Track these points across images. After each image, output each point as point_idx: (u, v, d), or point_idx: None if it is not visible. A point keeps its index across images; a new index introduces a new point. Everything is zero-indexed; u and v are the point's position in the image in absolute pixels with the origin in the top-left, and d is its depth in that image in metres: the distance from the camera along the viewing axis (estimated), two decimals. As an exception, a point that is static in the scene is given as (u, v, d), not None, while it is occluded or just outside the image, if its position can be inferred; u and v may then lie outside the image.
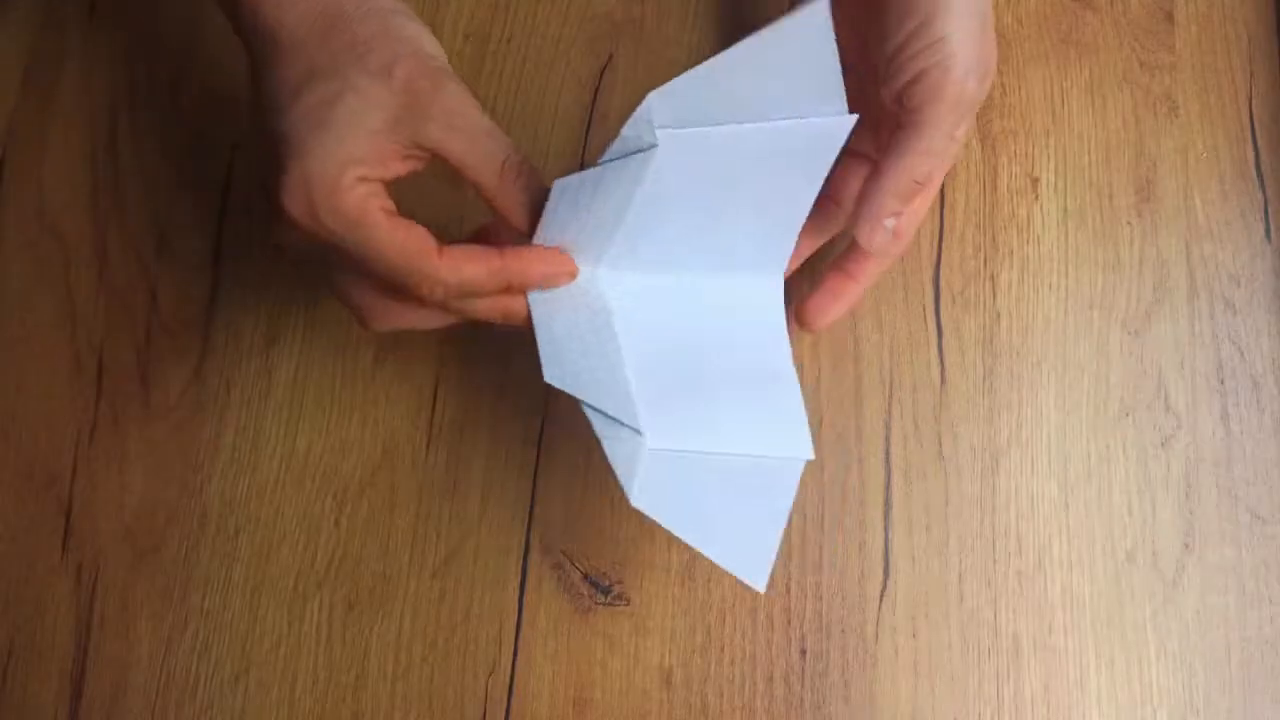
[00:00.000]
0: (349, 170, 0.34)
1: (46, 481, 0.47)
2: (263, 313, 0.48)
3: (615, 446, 0.37)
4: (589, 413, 0.37)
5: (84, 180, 0.50)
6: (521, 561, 0.45)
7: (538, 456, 0.46)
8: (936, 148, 0.38)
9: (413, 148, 0.36)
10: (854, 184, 0.41)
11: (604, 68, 0.51)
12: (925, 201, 0.42)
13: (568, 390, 0.37)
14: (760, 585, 0.37)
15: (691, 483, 0.38)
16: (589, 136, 0.50)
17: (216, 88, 0.51)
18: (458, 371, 0.47)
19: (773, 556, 0.37)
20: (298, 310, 0.48)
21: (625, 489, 0.36)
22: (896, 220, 0.39)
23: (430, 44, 0.37)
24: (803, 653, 0.43)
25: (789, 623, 0.44)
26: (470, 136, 0.36)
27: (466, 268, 0.36)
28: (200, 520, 0.46)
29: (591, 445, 0.46)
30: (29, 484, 0.47)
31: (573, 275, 0.38)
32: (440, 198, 0.47)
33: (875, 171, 0.39)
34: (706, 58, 0.51)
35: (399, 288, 0.36)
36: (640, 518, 0.45)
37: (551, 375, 0.37)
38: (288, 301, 0.48)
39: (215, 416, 0.47)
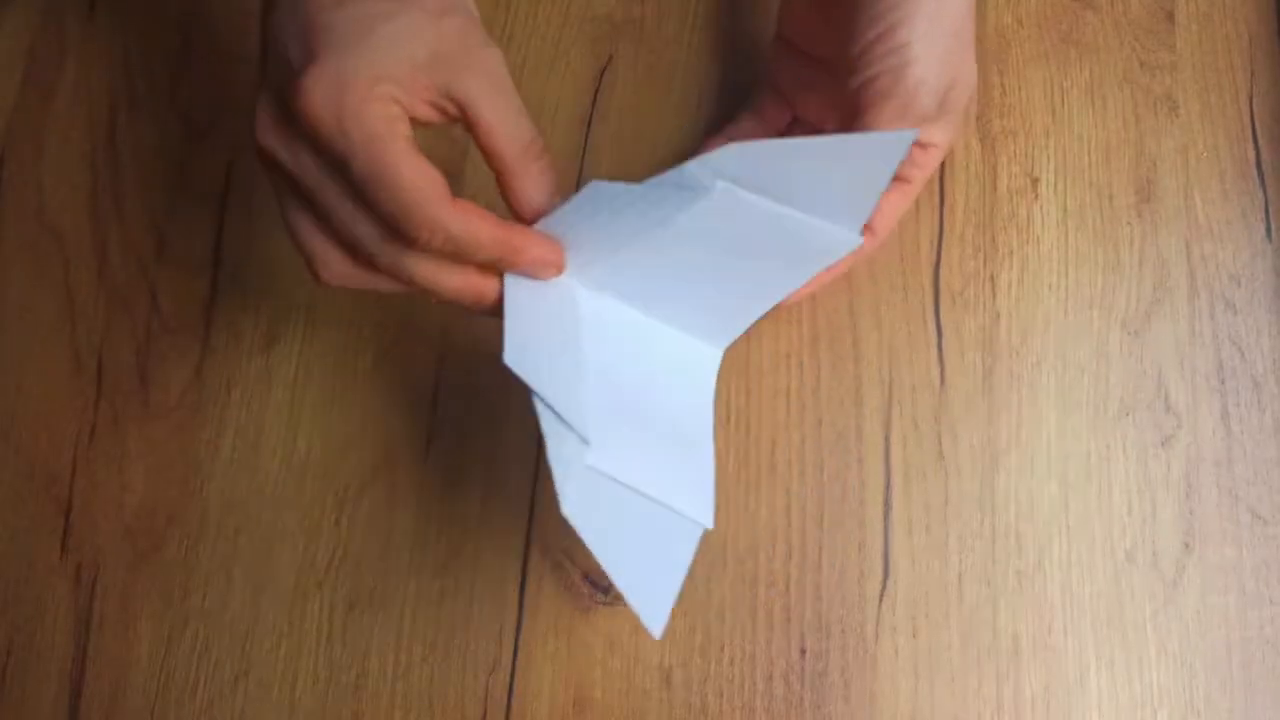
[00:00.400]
0: (385, 84, 0.32)
1: (46, 481, 0.47)
2: (263, 313, 0.48)
3: (558, 447, 0.36)
4: (539, 407, 0.37)
5: (83, 180, 0.50)
6: (521, 561, 0.45)
7: (538, 456, 0.46)
8: None
9: (444, 98, 0.34)
10: None
11: (604, 68, 0.51)
12: (901, 199, 0.42)
13: (524, 378, 0.36)
14: (656, 631, 0.35)
15: (615, 509, 0.37)
16: (589, 136, 0.50)
17: (216, 87, 0.51)
18: (458, 372, 0.47)
19: (670, 604, 0.37)
20: (298, 310, 0.48)
21: (558, 492, 0.35)
22: None
23: (476, 14, 0.36)
24: (802, 652, 0.43)
25: (788, 622, 0.44)
26: (504, 106, 0.34)
27: (475, 222, 0.33)
28: (200, 520, 0.46)
29: (591, 445, 0.46)
30: (28, 484, 0.47)
31: (559, 270, 0.38)
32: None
33: None
34: (706, 57, 0.52)
35: (393, 224, 0.33)
36: (640, 518, 0.45)
37: (512, 359, 0.36)
38: (288, 302, 0.48)
39: (215, 417, 0.47)
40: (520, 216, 0.37)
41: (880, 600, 0.44)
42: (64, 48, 0.52)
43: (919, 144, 0.40)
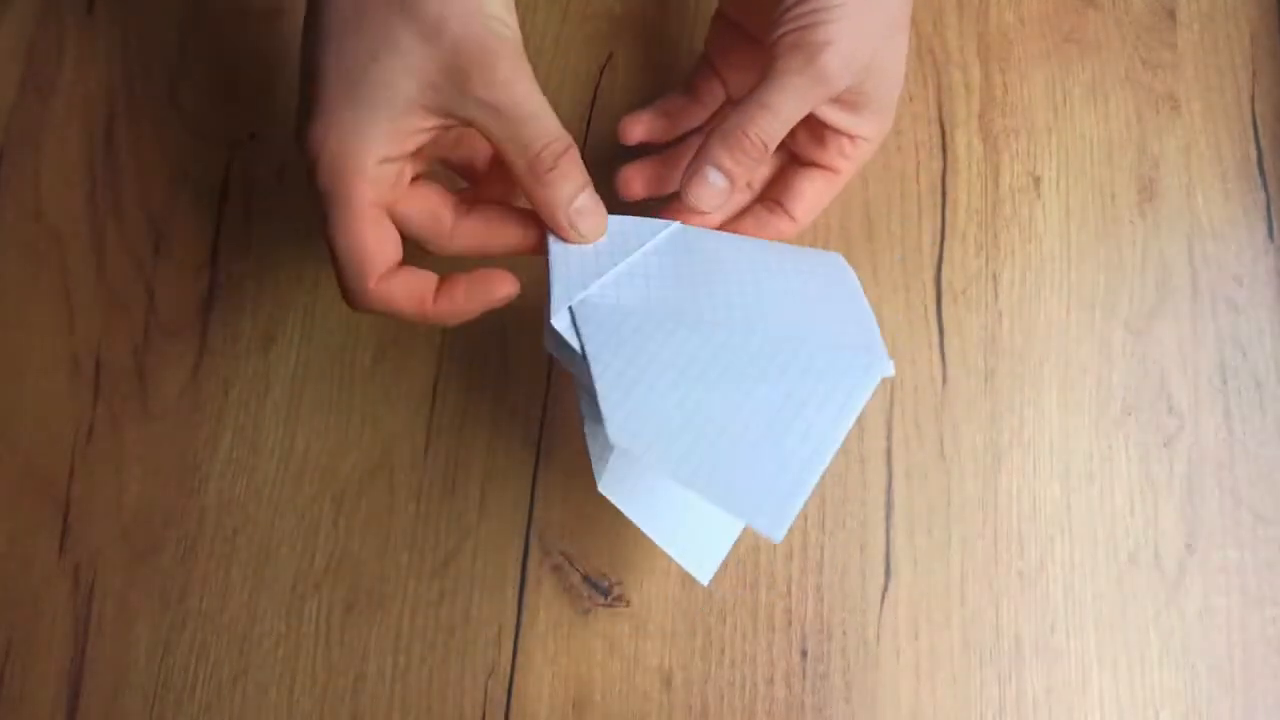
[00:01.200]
0: (371, 153, 0.33)
1: (44, 482, 0.46)
2: (261, 313, 0.48)
3: (596, 431, 0.36)
4: (580, 390, 0.36)
5: (81, 179, 0.50)
6: (521, 562, 0.45)
7: (537, 457, 0.46)
8: (777, 104, 0.37)
9: (448, 117, 0.34)
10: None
11: (604, 67, 0.51)
12: (827, 187, 0.41)
13: (566, 347, 0.36)
14: (704, 578, 0.38)
15: (653, 484, 0.37)
16: (589, 134, 0.50)
17: (215, 87, 0.51)
18: (457, 372, 0.47)
19: (721, 556, 0.38)
20: (296, 310, 0.48)
21: (596, 475, 0.35)
22: (724, 178, 0.38)
23: (499, 5, 0.34)
24: (803, 654, 0.43)
25: (790, 624, 0.44)
26: (508, 120, 0.34)
27: (388, 304, 0.36)
28: (198, 521, 0.46)
29: (591, 446, 0.46)
30: (26, 484, 0.46)
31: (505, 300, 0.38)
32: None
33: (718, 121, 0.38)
34: (705, 57, 0.51)
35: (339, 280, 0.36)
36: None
37: (559, 322, 0.36)
38: (286, 301, 0.48)
39: (213, 417, 0.47)
40: (544, 220, 0.37)
41: (882, 601, 0.44)
42: (62, 47, 0.52)
43: (846, 135, 0.40)
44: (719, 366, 0.35)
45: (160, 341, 0.48)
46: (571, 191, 0.36)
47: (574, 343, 0.35)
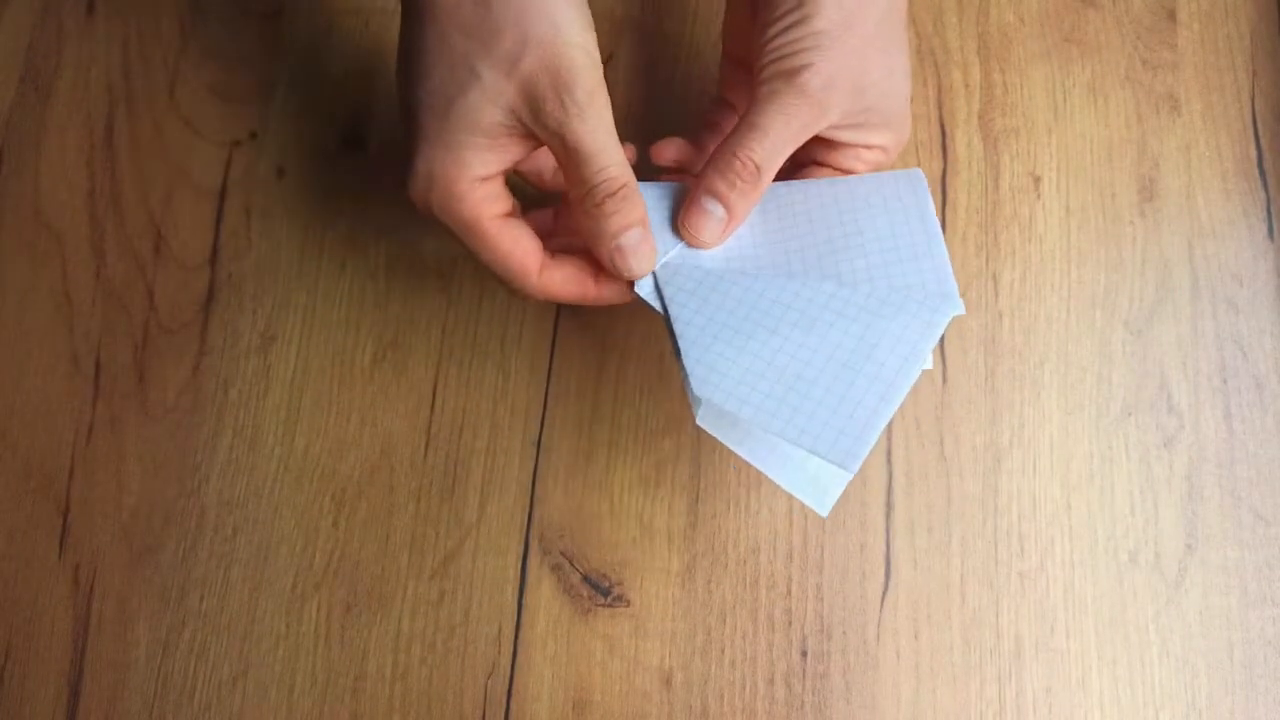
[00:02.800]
0: (467, 173, 0.36)
1: (44, 481, 0.46)
2: (261, 312, 0.48)
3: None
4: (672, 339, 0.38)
5: (81, 179, 0.50)
6: (520, 563, 0.45)
7: (537, 457, 0.46)
8: (763, 124, 0.38)
9: (532, 139, 0.36)
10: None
11: (604, 66, 0.50)
12: None
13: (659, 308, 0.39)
14: (823, 510, 0.38)
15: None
16: (589, 135, 0.50)
17: (214, 86, 0.51)
18: (457, 372, 0.47)
19: (840, 489, 0.38)
20: (296, 310, 0.48)
21: (694, 411, 0.37)
22: (722, 207, 0.39)
23: (572, 26, 0.34)
24: (804, 654, 0.43)
25: (790, 624, 0.43)
26: (571, 151, 0.36)
27: (555, 288, 0.39)
28: (198, 521, 0.46)
29: (591, 446, 0.46)
30: (26, 484, 0.46)
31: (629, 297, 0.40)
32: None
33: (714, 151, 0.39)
34: (706, 55, 0.52)
35: (502, 280, 0.39)
36: (640, 518, 0.45)
37: (643, 289, 0.39)
38: (286, 301, 0.48)
39: (213, 416, 0.47)
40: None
41: (882, 601, 0.44)
42: (62, 47, 0.52)
43: (864, 144, 0.40)
44: (793, 315, 0.38)
45: (160, 341, 0.48)
46: (618, 228, 0.37)
47: (656, 305, 0.38)
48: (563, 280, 0.39)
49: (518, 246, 0.37)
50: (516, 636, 0.44)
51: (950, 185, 0.48)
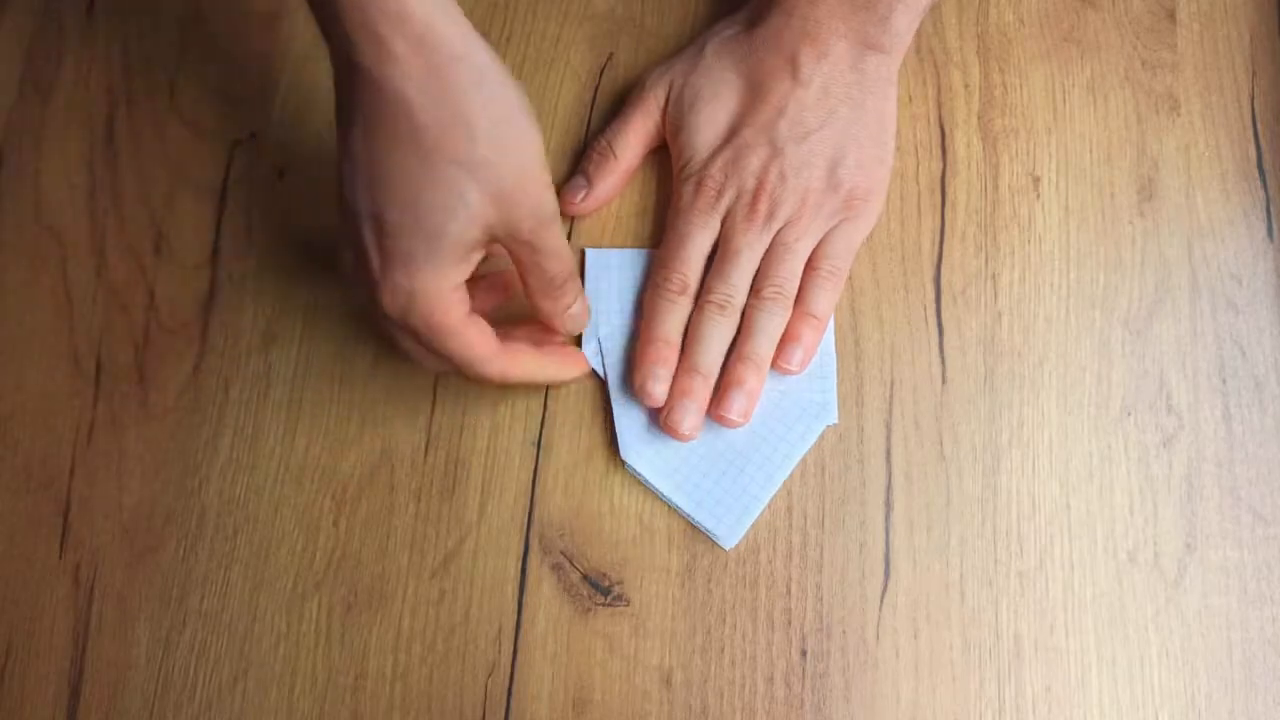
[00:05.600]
0: (448, 286, 0.38)
1: (44, 481, 0.46)
2: (261, 312, 0.48)
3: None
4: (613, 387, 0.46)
5: (82, 179, 0.50)
6: (521, 562, 0.45)
7: (537, 457, 0.46)
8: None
9: (494, 243, 0.40)
10: None
11: (604, 66, 0.51)
12: (832, 288, 0.46)
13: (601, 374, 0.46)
14: (729, 543, 0.44)
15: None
16: (589, 134, 0.50)
17: (215, 86, 0.51)
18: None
19: (748, 523, 0.44)
20: (297, 310, 0.48)
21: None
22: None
23: (533, 141, 0.38)
24: (803, 654, 0.43)
25: (789, 624, 0.44)
26: (537, 252, 0.40)
27: (517, 370, 0.42)
28: (198, 520, 0.46)
29: (591, 446, 0.46)
30: (27, 484, 0.46)
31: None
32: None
33: None
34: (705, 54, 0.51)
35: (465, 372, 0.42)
36: (640, 518, 0.45)
37: (589, 349, 0.47)
38: (286, 301, 0.48)
39: (213, 416, 0.47)
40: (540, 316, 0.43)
41: (881, 601, 0.44)
42: (62, 47, 0.52)
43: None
44: None
45: (160, 340, 0.48)
46: (570, 301, 0.43)
47: (601, 371, 0.46)
48: (518, 363, 0.42)
49: (481, 338, 0.40)
50: (516, 636, 0.44)
51: (949, 185, 0.48)
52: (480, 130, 0.36)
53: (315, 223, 0.49)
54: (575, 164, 0.49)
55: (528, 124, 0.38)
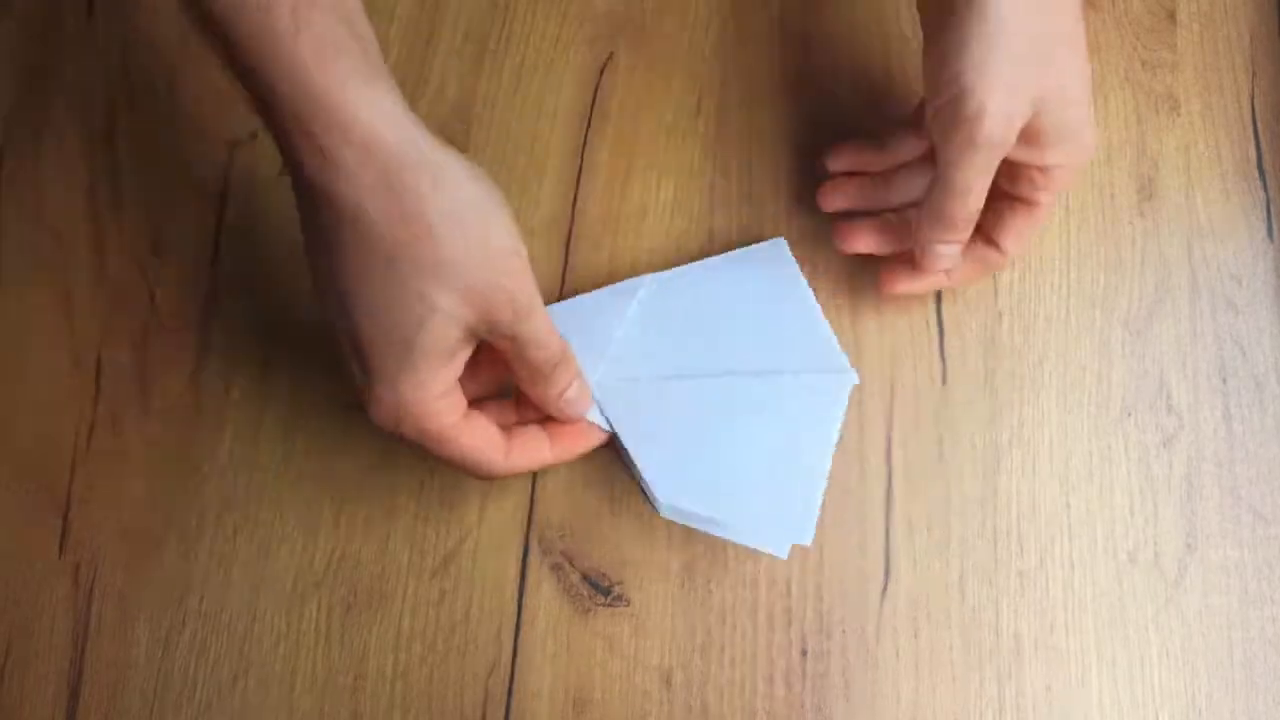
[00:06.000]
0: (432, 395, 0.37)
1: (45, 481, 0.46)
2: (261, 312, 0.48)
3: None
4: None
5: (82, 179, 0.50)
6: (521, 562, 0.45)
7: (537, 456, 0.46)
8: (961, 184, 0.39)
9: (477, 339, 0.38)
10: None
11: (604, 66, 0.51)
12: (1029, 221, 0.42)
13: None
14: (781, 552, 0.42)
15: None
16: (589, 133, 0.50)
17: (215, 86, 0.51)
18: (457, 371, 0.47)
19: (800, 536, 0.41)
20: (297, 310, 0.48)
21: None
22: (951, 245, 0.41)
23: (507, 236, 0.37)
24: (803, 653, 0.43)
25: (790, 623, 0.44)
26: (522, 344, 0.38)
27: (524, 463, 0.41)
28: (198, 520, 0.46)
29: (591, 445, 0.46)
30: (27, 484, 0.46)
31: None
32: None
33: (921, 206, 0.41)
34: (705, 55, 0.52)
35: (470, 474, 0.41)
36: (641, 518, 0.45)
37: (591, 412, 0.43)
38: (287, 301, 0.48)
39: (214, 416, 0.47)
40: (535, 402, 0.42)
41: (882, 601, 0.44)
42: (62, 48, 0.52)
43: (1035, 167, 0.40)
44: (718, 414, 0.43)
45: (161, 340, 0.48)
46: (564, 385, 0.41)
47: (603, 423, 0.43)
48: (527, 455, 0.41)
49: (482, 440, 0.39)
50: (517, 636, 0.44)
51: (950, 185, 0.48)
52: (442, 233, 0.35)
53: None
54: (576, 164, 0.49)
55: (495, 215, 0.36)
